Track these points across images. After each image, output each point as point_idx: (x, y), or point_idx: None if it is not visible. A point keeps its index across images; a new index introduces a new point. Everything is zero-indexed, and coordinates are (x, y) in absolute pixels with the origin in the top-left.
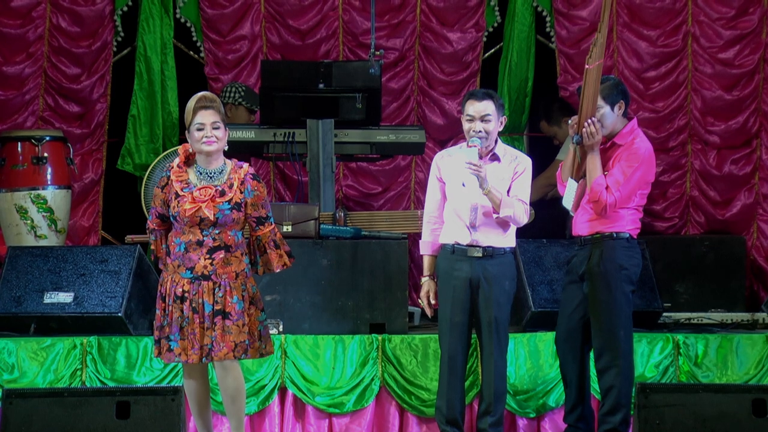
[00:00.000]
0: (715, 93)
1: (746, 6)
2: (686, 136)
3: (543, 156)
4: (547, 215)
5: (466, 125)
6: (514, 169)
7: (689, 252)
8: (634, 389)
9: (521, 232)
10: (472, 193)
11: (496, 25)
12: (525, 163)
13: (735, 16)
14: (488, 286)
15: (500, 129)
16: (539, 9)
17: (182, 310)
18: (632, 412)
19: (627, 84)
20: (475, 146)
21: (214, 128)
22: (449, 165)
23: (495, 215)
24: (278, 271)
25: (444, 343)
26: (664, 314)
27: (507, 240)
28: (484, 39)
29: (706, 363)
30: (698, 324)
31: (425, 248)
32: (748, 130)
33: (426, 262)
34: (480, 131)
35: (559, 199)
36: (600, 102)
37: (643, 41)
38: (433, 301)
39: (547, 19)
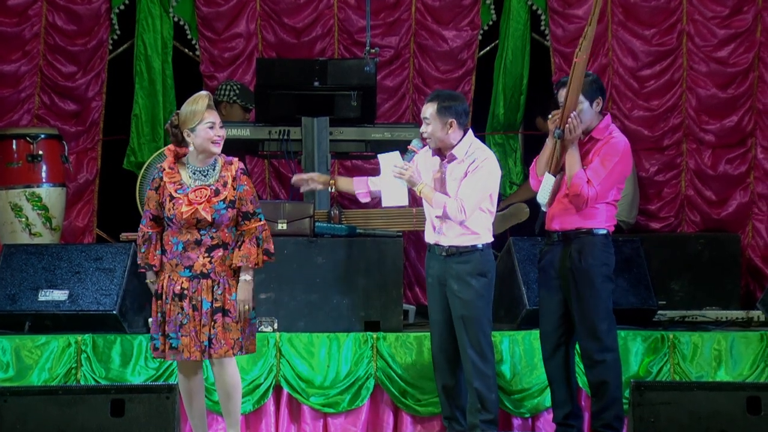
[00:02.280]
0: (709, 91)
1: (740, 5)
2: (681, 134)
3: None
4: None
5: None
6: (467, 168)
7: (684, 250)
8: (628, 387)
9: (516, 231)
10: (438, 188)
11: (491, 23)
12: (479, 162)
13: (729, 15)
14: (453, 285)
15: (449, 130)
16: (534, 7)
17: (182, 308)
18: (625, 407)
19: (622, 82)
20: (411, 148)
21: (221, 127)
22: (422, 162)
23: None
24: (251, 266)
25: (430, 339)
26: (659, 312)
27: (473, 238)
28: (480, 37)
29: (700, 361)
30: (693, 322)
31: None
32: (743, 129)
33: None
34: (423, 132)
35: None
36: (580, 97)
37: (638, 40)
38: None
39: (542, 17)
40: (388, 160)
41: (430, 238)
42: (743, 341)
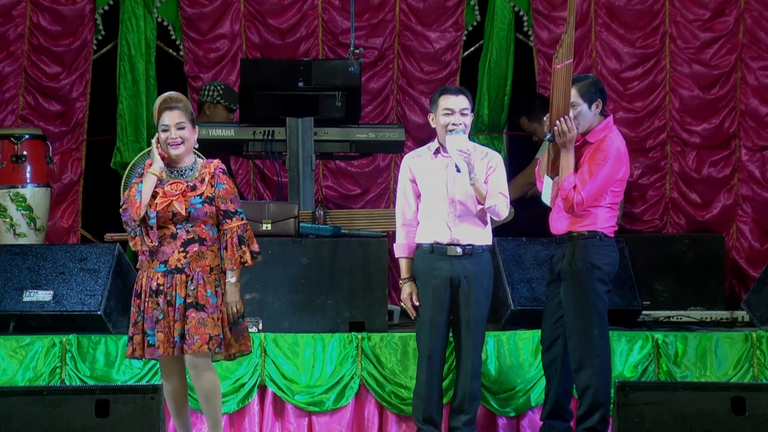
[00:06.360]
0: (693, 92)
1: (722, 7)
2: (665, 136)
3: (523, 154)
4: (527, 213)
5: (444, 119)
6: (487, 164)
7: (669, 250)
8: (613, 388)
9: (501, 231)
10: (454, 186)
11: (475, 23)
12: (496, 158)
13: (711, 18)
14: (468, 285)
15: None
16: (516, 9)
17: (158, 304)
18: (611, 411)
19: (605, 84)
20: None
21: (179, 129)
22: (420, 165)
23: (479, 206)
24: (236, 268)
25: (423, 342)
26: (644, 312)
27: (486, 238)
28: (464, 38)
29: (685, 361)
30: (677, 322)
31: (401, 251)
32: (726, 131)
33: (404, 265)
34: (460, 124)
35: (539, 196)
36: (578, 100)
37: (621, 42)
38: (417, 303)
39: (525, 18)
40: (455, 142)
41: (440, 237)
42: (728, 341)
